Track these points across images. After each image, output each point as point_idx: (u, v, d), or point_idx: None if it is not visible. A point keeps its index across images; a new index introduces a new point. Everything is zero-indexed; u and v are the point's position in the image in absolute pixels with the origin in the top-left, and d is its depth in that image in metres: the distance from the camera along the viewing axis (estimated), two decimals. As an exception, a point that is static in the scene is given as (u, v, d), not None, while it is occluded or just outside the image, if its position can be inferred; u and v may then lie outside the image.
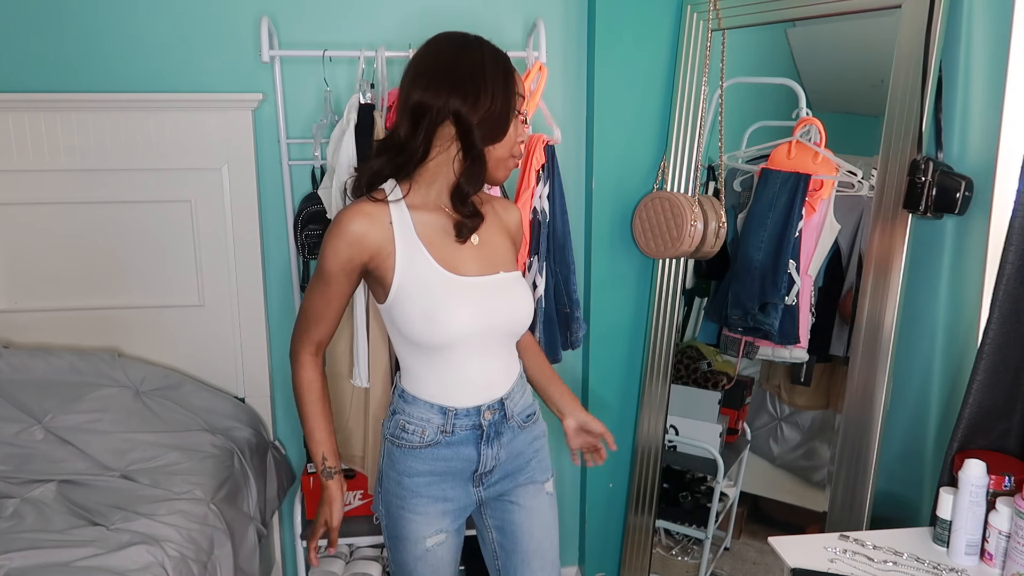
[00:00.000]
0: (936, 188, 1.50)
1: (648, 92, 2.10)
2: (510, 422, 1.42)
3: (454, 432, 1.37)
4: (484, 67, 1.29)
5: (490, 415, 1.38)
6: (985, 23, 1.51)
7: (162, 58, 2.08)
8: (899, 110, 1.61)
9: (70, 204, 2.09)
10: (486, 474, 1.42)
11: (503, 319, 1.36)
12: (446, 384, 1.36)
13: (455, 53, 1.31)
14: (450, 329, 1.30)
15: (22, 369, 1.97)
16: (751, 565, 2.18)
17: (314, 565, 1.44)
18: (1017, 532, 1.29)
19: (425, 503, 1.39)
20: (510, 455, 1.44)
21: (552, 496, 1.52)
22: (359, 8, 2.12)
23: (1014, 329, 1.40)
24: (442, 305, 1.29)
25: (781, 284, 1.82)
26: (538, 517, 1.48)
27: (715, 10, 1.95)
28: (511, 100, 1.30)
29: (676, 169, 2.06)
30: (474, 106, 1.26)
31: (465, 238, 1.34)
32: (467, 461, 1.40)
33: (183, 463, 1.87)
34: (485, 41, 1.34)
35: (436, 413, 1.36)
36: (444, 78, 1.27)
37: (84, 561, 1.47)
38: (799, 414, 2.12)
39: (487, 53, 1.31)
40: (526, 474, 1.47)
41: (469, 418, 1.37)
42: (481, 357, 1.36)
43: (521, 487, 1.47)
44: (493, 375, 1.39)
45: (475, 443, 1.39)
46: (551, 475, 1.52)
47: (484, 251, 1.38)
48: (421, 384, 1.37)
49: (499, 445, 1.41)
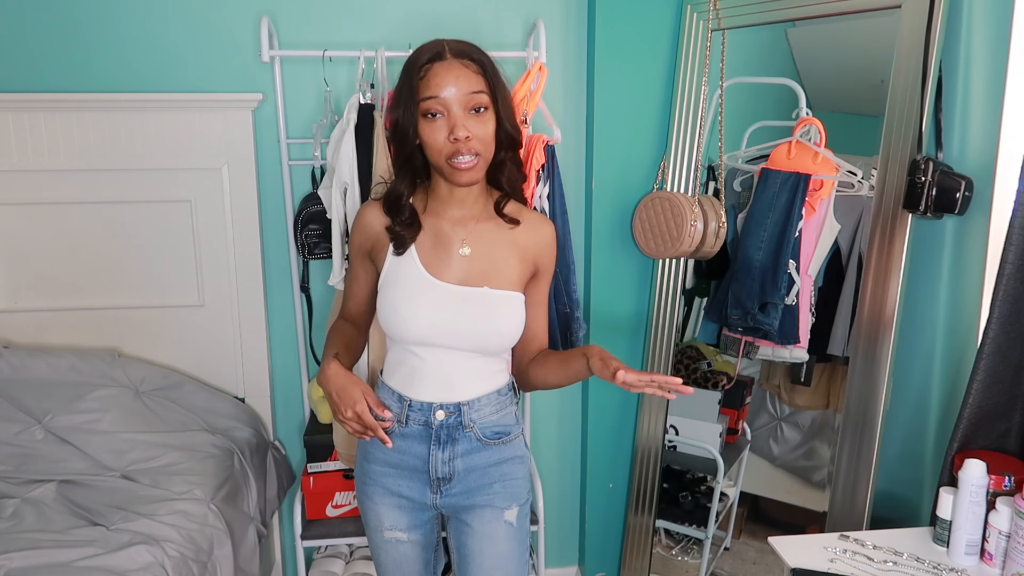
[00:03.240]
0: (936, 188, 1.50)
1: (648, 92, 2.10)
2: (468, 431, 1.39)
3: (407, 424, 1.39)
4: (398, 83, 1.33)
5: (442, 415, 1.38)
6: (985, 23, 1.51)
7: (162, 58, 2.08)
8: (899, 110, 1.61)
9: (70, 204, 2.09)
10: (443, 481, 1.41)
11: (469, 332, 1.35)
12: (404, 374, 1.40)
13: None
14: (409, 327, 1.35)
15: (22, 369, 1.97)
16: (751, 565, 2.18)
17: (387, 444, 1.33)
18: (1017, 532, 1.29)
19: (381, 494, 1.44)
20: (469, 468, 1.41)
21: (513, 526, 1.44)
22: (359, 8, 2.12)
23: (1014, 329, 1.40)
24: (407, 302, 1.35)
25: (781, 284, 1.82)
26: (491, 545, 1.42)
27: (715, 10, 1.94)
28: (411, 102, 1.29)
29: (676, 169, 2.06)
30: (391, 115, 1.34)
31: (397, 249, 1.37)
32: (419, 459, 1.40)
33: (183, 463, 1.87)
34: (427, 44, 1.33)
35: (395, 401, 1.41)
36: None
37: (84, 561, 1.47)
38: (799, 414, 2.12)
39: (407, 63, 1.32)
40: (485, 496, 1.42)
41: (422, 413, 1.38)
42: (443, 360, 1.37)
43: (478, 509, 1.43)
44: (454, 379, 1.38)
45: (427, 442, 1.39)
46: (517, 504, 1.45)
47: (476, 264, 1.37)
48: (389, 371, 1.44)
49: (453, 453, 1.40)
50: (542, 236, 1.44)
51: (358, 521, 2.13)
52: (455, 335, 1.35)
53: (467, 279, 1.37)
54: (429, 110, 1.28)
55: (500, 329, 1.37)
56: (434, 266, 1.37)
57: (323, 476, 2.10)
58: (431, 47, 1.30)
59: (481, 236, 1.39)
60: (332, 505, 2.13)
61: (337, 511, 2.13)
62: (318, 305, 2.19)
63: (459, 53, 1.29)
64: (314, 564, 2.23)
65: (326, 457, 2.08)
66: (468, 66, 1.29)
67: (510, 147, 1.38)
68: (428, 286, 1.35)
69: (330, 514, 2.13)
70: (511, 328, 1.38)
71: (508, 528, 1.44)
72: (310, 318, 2.17)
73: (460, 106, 1.27)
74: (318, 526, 2.11)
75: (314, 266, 2.13)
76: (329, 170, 1.91)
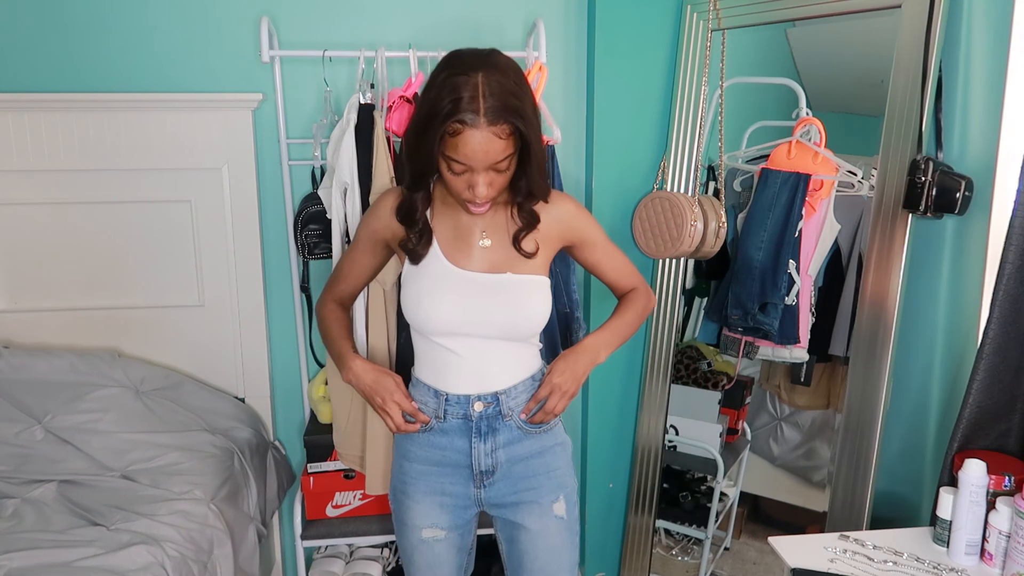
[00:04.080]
0: (936, 188, 1.50)
1: (648, 92, 2.10)
2: (507, 420, 1.40)
3: (446, 419, 1.39)
4: (420, 108, 1.24)
5: (481, 407, 1.38)
6: (985, 23, 1.51)
7: (162, 58, 2.08)
8: (899, 110, 1.61)
9: (70, 204, 2.09)
10: (486, 474, 1.41)
11: (497, 318, 1.35)
12: (438, 368, 1.39)
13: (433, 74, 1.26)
14: (433, 317, 1.34)
15: (22, 369, 1.97)
16: (751, 565, 2.18)
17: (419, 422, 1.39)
18: (1017, 532, 1.29)
19: (423, 492, 1.42)
20: (512, 459, 1.41)
21: (563, 519, 1.45)
22: (359, 8, 2.12)
23: (1014, 329, 1.40)
24: (430, 292, 1.34)
25: (781, 284, 1.82)
26: (544, 540, 1.44)
27: (715, 10, 1.94)
28: (435, 144, 1.21)
29: (676, 169, 2.06)
30: (407, 136, 1.29)
31: (412, 261, 1.37)
32: (461, 454, 1.40)
33: (183, 463, 1.87)
34: (451, 80, 1.20)
35: (431, 396, 1.40)
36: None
37: (84, 561, 1.47)
38: (799, 414, 2.12)
39: (435, 91, 1.21)
40: (531, 492, 1.43)
41: (460, 406, 1.38)
42: (475, 350, 1.37)
43: (525, 506, 1.43)
44: (488, 369, 1.38)
45: (467, 435, 1.39)
46: (563, 493, 1.45)
47: (497, 252, 1.37)
48: (421, 366, 1.43)
49: (495, 444, 1.40)
50: (561, 212, 1.41)
51: (358, 521, 2.13)
52: (483, 323, 1.35)
53: (490, 267, 1.36)
54: (452, 168, 1.25)
55: (527, 313, 1.36)
56: (456, 256, 1.36)
57: (323, 476, 2.10)
58: (467, 99, 1.18)
59: (501, 225, 1.38)
60: (332, 505, 2.13)
61: (337, 511, 2.13)
62: (318, 305, 2.19)
63: (495, 117, 1.19)
64: (314, 564, 2.23)
65: (326, 457, 2.08)
66: (500, 133, 1.20)
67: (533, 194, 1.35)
68: (451, 276, 1.35)
69: (330, 514, 2.13)
70: (537, 312, 1.37)
71: (559, 522, 1.44)
72: (310, 318, 2.17)
73: (484, 167, 1.23)
74: (318, 526, 2.11)
75: (314, 266, 2.13)
76: (329, 170, 1.91)
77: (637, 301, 1.52)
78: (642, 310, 1.52)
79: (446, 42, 2.01)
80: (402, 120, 1.83)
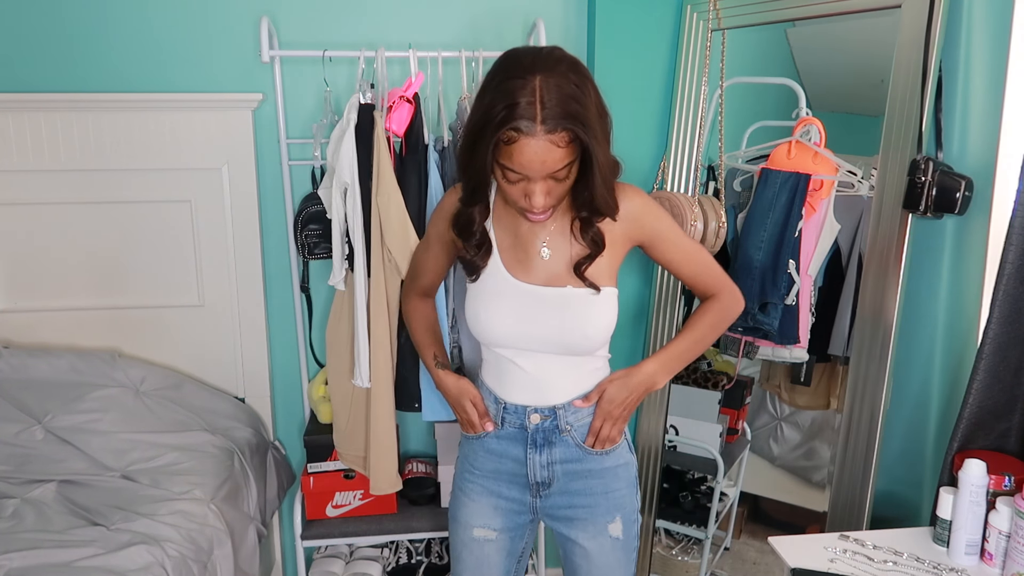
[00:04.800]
0: (936, 188, 1.50)
1: (648, 92, 2.10)
2: (565, 435, 1.35)
3: (504, 426, 1.37)
4: (474, 113, 1.17)
5: (537, 419, 1.35)
6: (985, 23, 1.51)
7: (162, 58, 2.08)
8: (899, 110, 1.61)
9: (70, 204, 2.09)
10: (543, 485, 1.39)
11: (553, 335, 1.30)
12: (499, 375, 1.38)
13: (482, 81, 1.20)
14: (491, 331, 1.32)
15: (22, 369, 1.98)
16: (751, 565, 2.18)
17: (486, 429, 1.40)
18: (1017, 532, 1.29)
19: (480, 492, 1.42)
20: (570, 475, 1.38)
21: (619, 540, 1.41)
22: (359, 8, 2.12)
23: (1014, 329, 1.40)
24: (487, 306, 1.32)
25: (781, 284, 1.82)
26: (598, 558, 1.40)
27: (715, 10, 1.94)
28: (489, 151, 1.14)
29: (676, 169, 2.06)
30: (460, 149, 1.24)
31: (469, 275, 1.34)
32: (517, 462, 1.38)
33: (183, 463, 1.87)
34: (505, 85, 1.13)
35: (492, 401, 1.39)
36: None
37: (84, 561, 1.47)
38: (799, 414, 2.12)
39: (488, 96, 1.15)
40: (587, 509, 1.39)
41: (517, 415, 1.36)
42: (533, 363, 1.33)
43: (580, 522, 1.40)
44: (546, 381, 1.34)
45: (523, 444, 1.37)
46: (620, 514, 1.40)
47: (556, 264, 1.31)
48: (486, 370, 1.42)
49: (551, 458, 1.36)
50: (628, 209, 1.30)
51: (358, 521, 2.13)
52: (538, 339, 1.31)
53: (549, 279, 1.31)
54: (508, 177, 1.19)
55: (585, 331, 1.30)
56: (515, 267, 1.32)
57: (323, 476, 2.10)
58: (523, 105, 1.11)
59: (562, 234, 1.31)
60: (332, 505, 2.13)
61: (337, 511, 2.13)
62: (318, 305, 2.19)
63: (553, 124, 1.11)
64: (314, 564, 2.23)
65: (326, 457, 2.08)
66: (559, 141, 1.13)
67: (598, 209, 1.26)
68: (510, 289, 1.31)
69: (330, 514, 2.13)
70: (597, 328, 1.31)
71: (614, 542, 1.40)
72: (310, 318, 2.17)
73: (542, 176, 1.17)
74: (318, 526, 2.11)
75: (314, 266, 2.13)
76: (329, 170, 1.91)
77: (711, 311, 1.41)
78: (719, 321, 1.42)
79: (446, 42, 2.03)
80: (402, 120, 1.83)
